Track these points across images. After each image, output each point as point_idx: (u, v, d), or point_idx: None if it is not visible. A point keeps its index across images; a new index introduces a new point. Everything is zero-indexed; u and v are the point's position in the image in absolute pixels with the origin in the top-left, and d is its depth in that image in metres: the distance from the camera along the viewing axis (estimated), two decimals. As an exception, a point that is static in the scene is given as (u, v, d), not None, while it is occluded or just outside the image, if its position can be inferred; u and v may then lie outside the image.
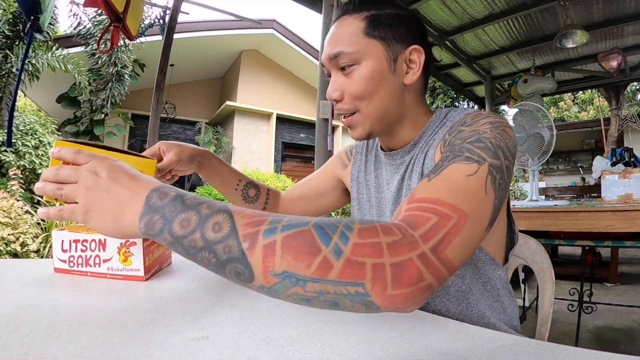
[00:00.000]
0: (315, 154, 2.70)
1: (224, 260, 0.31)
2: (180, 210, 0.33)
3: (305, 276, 0.29)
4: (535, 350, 0.37)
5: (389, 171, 0.67)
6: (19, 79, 1.45)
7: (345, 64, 0.57)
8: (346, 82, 0.58)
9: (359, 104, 0.58)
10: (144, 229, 0.34)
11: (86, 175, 0.38)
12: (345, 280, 0.29)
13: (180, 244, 0.33)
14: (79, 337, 0.38)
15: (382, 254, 0.30)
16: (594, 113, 12.54)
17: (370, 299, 0.30)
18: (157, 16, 3.91)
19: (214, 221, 0.32)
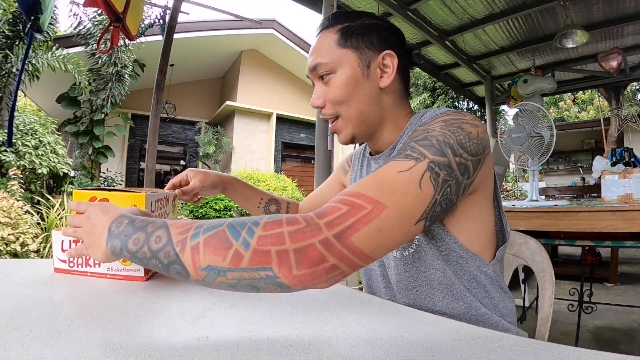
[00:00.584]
0: (315, 154, 2.69)
1: (166, 264, 0.39)
2: (132, 232, 0.43)
3: (224, 267, 0.36)
4: (535, 350, 0.37)
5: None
6: (19, 79, 1.45)
7: (323, 73, 0.63)
8: (325, 90, 0.64)
9: (339, 109, 0.63)
10: (110, 251, 0.45)
11: (84, 220, 0.51)
12: (255, 266, 0.36)
13: (136, 257, 0.42)
14: (79, 337, 0.38)
15: (284, 241, 0.36)
16: (594, 113, 12.53)
17: (280, 280, 0.36)
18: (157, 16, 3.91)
19: (156, 235, 0.41)
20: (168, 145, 9.31)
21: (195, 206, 6.21)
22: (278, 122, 9.45)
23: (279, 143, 9.61)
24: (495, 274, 0.62)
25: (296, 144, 10.09)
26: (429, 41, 3.62)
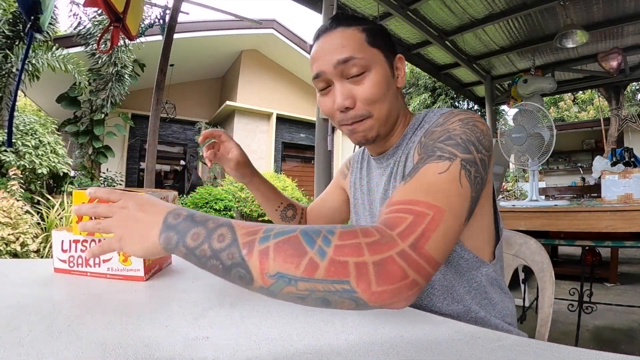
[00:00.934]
0: (315, 154, 2.69)
1: (228, 266, 0.36)
2: (191, 227, 0.39)
3: (296, 276, 0.33)
4: (535, 350, 0.37)
5: (377, 174, 0.73)
6: (19, 79, 1.45)
7: (356, 70, 0.59)
8: (356, 89, 0.60)
9: (372, 109, 0.61)
10: (163, 244, 0.40)
11: (116, 210, 0.45)
12: (332, 278, 0.33)
13: (193, 254, 0.38)
14: (79, 337, 0.38)
15: (363, 253, 0.33)
16: (594, 113, 12.53)
17: (357, 295, 0.33)
18: (157, 16, 3.91)
19: (219, 233, 0.37)
20: (168, 145, 9.31)
21: (195, 206, 6.21)
22: (278, 122, 9.45)
23: (279, 143, 9.61)
24: (495, 273, 0.63)
25: (296, 144, 10.09)
26: (429, 41, 3.62)
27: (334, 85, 0.61)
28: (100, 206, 0.47)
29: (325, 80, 0.62)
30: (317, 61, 0.62)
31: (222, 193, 6.60)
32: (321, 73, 0.61)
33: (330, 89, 0.63)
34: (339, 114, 0.62)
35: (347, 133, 0.65)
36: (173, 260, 0.77)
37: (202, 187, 6.81)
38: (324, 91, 0.64)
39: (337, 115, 0.62)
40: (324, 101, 0.64)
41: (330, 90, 0.63)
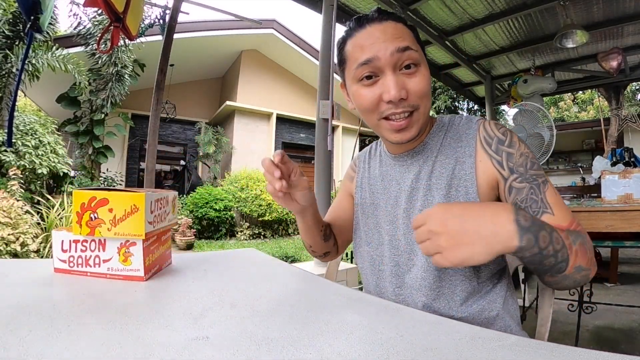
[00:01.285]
0: (315, 154, 2.69)
1: (559, 262, 0.49)
2: (539, 229, 0.47)
3: (583, 267, 0.52)
4: (535, 350, 0.37)
5: (397, 172, 0.72)
6: (19, 79, 1.45)
7: (411, 61, 0.60)
8: (408, 81, 0.61)
9: (420, 102, 0.62)
10: (524, 244, 0.46)
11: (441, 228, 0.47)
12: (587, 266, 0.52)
13: (541, 254, 0.47)
14: (79, 337, 0.38)
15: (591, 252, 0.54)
16: (594, 113, 12.53)
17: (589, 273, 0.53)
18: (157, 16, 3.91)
19: (555, 237, 0.49)
20: (168, 145, 9.31)
21: (195, 206, 6.21)
22: (278, 122, 9.45)
23: (279, 143, 9.61)
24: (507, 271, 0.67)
25: (296, 144, 10.09)
26: (429, 41, 3.62)
27: (384, 76, 0.60)
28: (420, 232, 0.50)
29: (375, 68, 0.61)
30: (369, 48, 0.60)
31: (222, 193, 6.60)
32: (374, 59, 0.60)
33: (377, 80, 0.61)
34: (385, 106, 0.61)
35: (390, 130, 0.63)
36: (173, 260, 0.77)
37: (202, 187, 6.80)
38: (368, 81, 0.62)
39: (382, 107, 0.61)
40: (365, 92, 0.62)
41: (376, 82, 0.61)
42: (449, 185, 0.64)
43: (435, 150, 0.67)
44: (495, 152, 0.62)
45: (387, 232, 0.71)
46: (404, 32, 0.62)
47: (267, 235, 6.93)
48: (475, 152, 0.64)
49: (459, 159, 0.65)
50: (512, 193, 0.61)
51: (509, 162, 0.61)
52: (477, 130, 0.65)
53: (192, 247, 5.54)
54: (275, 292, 0.58)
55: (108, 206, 0.61)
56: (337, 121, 9.40)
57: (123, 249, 0.62)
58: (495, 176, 0.62)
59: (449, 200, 0.63)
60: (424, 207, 0.65)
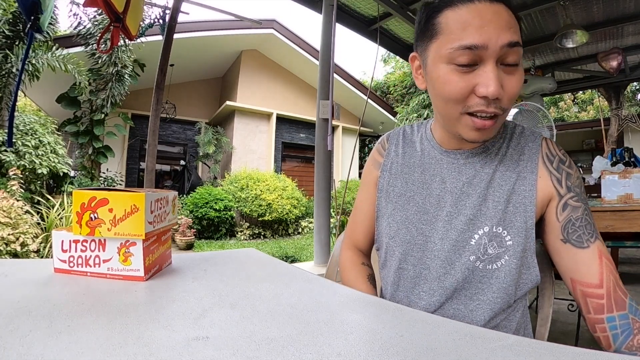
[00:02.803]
0: (315, 154, 2.69)
1: None
2: None
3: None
4: (535, 350, 0.37)
5: (445, 168, 0.67)
6: (19, 79, 1.45)
7: (514, 60, 0.53)
8: (506, 79, 0.54)
9: (509, 105, 0.56)
10: None
11: None
12: None
13: None
14: (79, 337, 0.38)
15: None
16: (594, 113, 12.53)
17: None
18: (157, 16, 3.90)
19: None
20: (168, 145, 9.31)
21: (195, 206, 6.21)
22: (278, 122, 9.45)
23: (279, 143, 9.61)
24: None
25: (296, 144, 10.08)
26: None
27: (485, 67, 0.52)
28: None
29: (478, 56, 0.52)
30: (479, 31, 0.51)
31: (222, 193, 6.60)
32: (481, 46, 0.51)
33: (475, 68, 0.53)
34: (476, 100, 0.54)
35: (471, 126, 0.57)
36: (173, 260, 0.77)
37: (202, 187, 6.81)
38: (465, 68, 0.53)
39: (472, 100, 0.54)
40: (458, 79, 0.54)
41: (473, 70, 0.53)
42: (507, 200, 0.61)
43: (497, 159, 0.64)
44: (557, 170, 0.61)
45: (419, 231, 0.66)
46: (515, 24, 0.53)
47: (267, 235, 6.93)
48: (537, 168, 0.62)
49: (521, 174, 0.62)
50: (566, 210, 0.59)
51: (567, 181, 0.60)
52: (540, 146, 0.63)
53: (192, 247, 5.54)
54: (275, 292, 0.58)
55: (108, 206, 0.61)
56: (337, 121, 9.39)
57: (123, 249, 0.62)
58: (550, 193, 0.60)
59: (505, 215, 0.61)
60: (475, 216, 0.62)
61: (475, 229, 0.61)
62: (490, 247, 0.60)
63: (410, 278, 0.66)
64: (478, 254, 0.61)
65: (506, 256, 0.60)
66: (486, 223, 0.61)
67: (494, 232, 0.60)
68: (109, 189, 0.62)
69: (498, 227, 0.60)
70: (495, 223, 0.61)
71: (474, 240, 0.61)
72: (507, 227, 0.60)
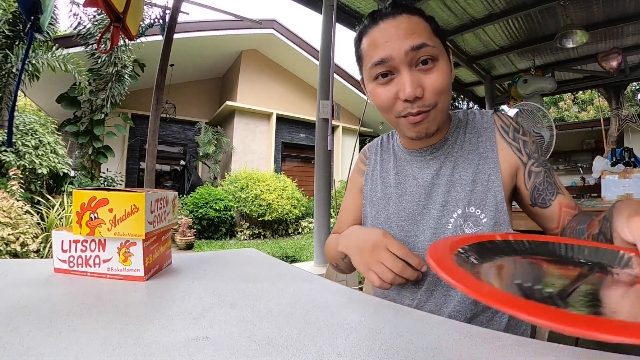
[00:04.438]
0: (315, 154, 2.69)
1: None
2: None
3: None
4: (535, 350, 0.37)
5: (415, 167, 0.72)
6: (19, 79, 1.45)
7: (427, 57, 0.58)
8: (424, 78, 0.59)
9: (438, 99, 0.60)
10: None
11: None
12: None
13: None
14: (79, 337, 0.38)
15: None
16: (594, 113, 12.53)
17: None
18: (157, 16, 3.91)
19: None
20: (168, 145, 9.31)
21: (195, 206, 6.21)
22: (278, 122, 9.45)
23: (279, 143, 9.61)
24: None
25: (296, 144, 10.08)
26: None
27: (400, 74, 0.59)
28: None
29: (390, 67, 0.59)
30: (383, 47, 0.59)
31: (222, 193, 6.60)
32: (388, 59, 0.59)
33: (392, 77, 0.60)
34: (402, 104, 0.60)
35: (408, 126, 0.62)
36: (173, 260, 0.77)
37: (202, 187, 6.80)
38: (384, 79, 0.61)
39: (399, 105, 0.61)
40: (381, 91, 0.61)
41: (391, 80, 0.60)
42: (473, 181, 0.65)
43: (456, 147, 0.69)
44: (513, 140, 0.67)
45: (400, 228, 0.70)
46: (420, 26, 0.59)
47: (267, 235, 6.93)
48: (496, 144, 0.67)
49: (482, 154, 0.67)
50: (531, 177, 0.65)
51: (525, 149, 0.66)
52: (494, 123, 0.68)
53: (192, 247, 5.54)
54: (275, 292, 0.58)
55: (108, 206, 0.61)
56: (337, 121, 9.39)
57: (123, 249, 0.62)
58: (515, 163, 0.65)
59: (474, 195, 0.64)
60: (446, 203, 0.66)
61: (449, 213, 0.65)
62: (466, 227, 0.64)
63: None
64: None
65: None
66: (458, 206, 0.65)
67: (467, 212, 0.64)
68: (109, 189, 0.62)
69: (470, 207, 0.64)
70: (466, 204, 0.64)
71: (451, 224, 0.65)
72: (479, 206, 0.64)
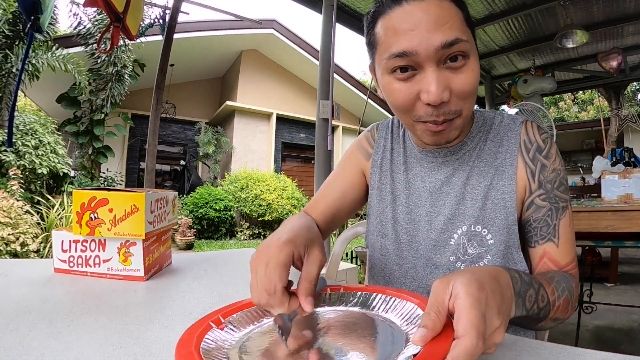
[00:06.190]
0: (315, 154, 2.69)
1: (540, 317, 0.47)
2: (526, 289, 0.43)
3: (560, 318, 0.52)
4: (535, 350, 0.37)
5: (425, 167, 0.64)
6: (19, 79, 1.45)
7: (458, 53, 0.48)
8: (454, 78, 0.49)
9: (464, 105, 0.51)
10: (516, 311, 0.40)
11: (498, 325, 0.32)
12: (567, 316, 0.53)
13: (528, 314, 0.43)
14: (79, 337, 0.38)
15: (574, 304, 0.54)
16: (594, 113, 12.53)
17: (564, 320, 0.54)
18: (157, 16, 3.91)
19: (541, 295, 0.45)
20: (168, 145, 9.30)
21: (195, 206, 6.21)
22: (278, 122, 9.44)
23: (279, 143, 9.60)
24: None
25: (296, 144, 10.08)
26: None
27: (424, 72, 0.48)
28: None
29: (413, 62, 0.48)
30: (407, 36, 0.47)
31: (222, 193, 6.60)
32: (412, 53, 0.47)
33: (414, 73, 0.49)
34: (424, 108, 0.50)
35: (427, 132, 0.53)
36: (173, 260, 0.77)
37: (202, 187, 6.80)
38: (403, 74, 0.49)
39: (420, 109, 0.51)
40: (400, 88, 0.50)
41: (413, 75, 0.49)
42: (485, 197, 0.58)
43: (474, 155, 0.60)
44: (532, 160, 0.58)
45: (404, 230, 0.65)
46: (452, 14, 0.48)
47: (267, 235, 6.92)
48: (517, 160, 0.58)
49: (498, 168, 0.58)
50: (530, 209, 0.57)
51: (540, 175, 0.57)
52: (519, 134, 0.59)
53: (192, 247, 5.54)
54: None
55: (108, 206, 0.61)
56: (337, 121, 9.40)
57: (123, 249, 0.62)
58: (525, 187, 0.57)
59: (484, 213, 0.58)
60: (453, 215, 0.60)
61: (454, 228, 0.60)
62: (470, 247, 0.58)
63: (397, 277, 0.66)
64: (458, 255, 0.59)
65: (488, 256, 0.57)
66: (464, 222, 0.59)
67: (473, 231, 0.58)
68: (109, 189, 0.62)
69: (477, 226, 0.58)
70: (473, 222, 0.58)
71: (453, 241, 0.59)
72: (486, 225, 0.58)
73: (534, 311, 0.44)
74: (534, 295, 0.44)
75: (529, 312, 0.43)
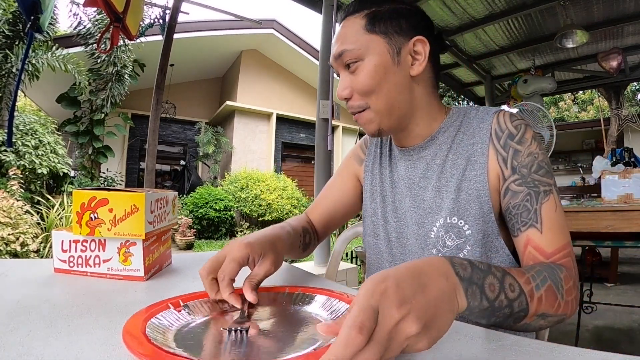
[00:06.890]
0: (315, 154, 2.70)
1: (516, 312, 0.42)
2: (483, 276, 0.38)
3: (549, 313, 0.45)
4: (535, 350, 0.37)
5: (403, 166, 0.68)
6: (19, 79, 1.45)
7: (349, 61, 0.59)
8: (352, 79, 0.59)
9: (367, 100, 0.60)
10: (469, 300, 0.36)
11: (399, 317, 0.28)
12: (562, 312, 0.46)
13: (493, 306, 0.39)
14: (79, 337, 0.38)
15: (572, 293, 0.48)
16: (594, 113, 12.53)
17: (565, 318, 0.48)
18: (157, 16, 3.91)
19: (508, 283, 0.41)
20: (168, 145, 9.30)
21: (195, 206, 6.21)
22: (278, 122, 9.45)
23: (279, 143, 9.61)
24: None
25: (296, 144, 10.08)
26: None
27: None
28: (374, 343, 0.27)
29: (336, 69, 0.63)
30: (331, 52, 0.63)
31: (222, 193, 6.60)
32: (331, 64, 0.63)
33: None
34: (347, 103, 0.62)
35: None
36: (173, 260, 0.77)
37: (202, 187, 6.81)
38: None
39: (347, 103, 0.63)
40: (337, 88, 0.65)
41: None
42: (458, 188, 0.59)
43: (446, 148, 0.62)
44: (503, 147, 0.57)
45: (393, 228, 0.67)
46: (349, 29, 0.60)
47: (267, 235, 6.92)
48: (488, 149, 0.58)
49: (470, 159, 0.59)
50: (507, 196, 0.56)
51: (513, 160, 0.56)
52: (491, 124, 0.59)
53: (192, 247, 5.54)
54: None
55: (108, 206, 0.61)
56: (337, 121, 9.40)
57: (123, 249, 0.62)
58: (497, 174, 0.57)
59: (458, 204, 0.59)
60: (431, 209, 0.62)
61: (432, 221, 0.61)
62: (448, 238, 0.59)
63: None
64: (438, 247, 0.60)
65: (467, 246, 0.58)
66: (441, 214, 0.60)
67: (449, 222, 0.59)
68: (109, 189, 0.62)
69: (453, 218, 0.59)
70: (448, 213, 0.59)
71: (433, 234, 0.61)
72: (462, 216, 0.58)
73: (503, 302, 0.39)
74: (497, 284, 0.39)
75: (494, 302, 0.38)
